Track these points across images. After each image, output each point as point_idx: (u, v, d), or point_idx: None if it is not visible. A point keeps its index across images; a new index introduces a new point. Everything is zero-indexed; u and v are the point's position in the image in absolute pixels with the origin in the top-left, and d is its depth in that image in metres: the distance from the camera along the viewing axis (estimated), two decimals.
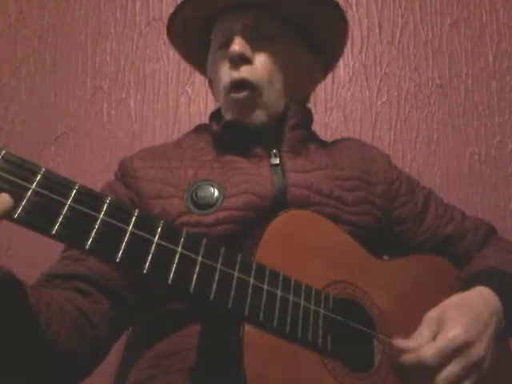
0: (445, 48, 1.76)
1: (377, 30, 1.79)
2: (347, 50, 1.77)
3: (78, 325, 0.82)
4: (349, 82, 1.76)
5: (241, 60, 0.99)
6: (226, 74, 1.02)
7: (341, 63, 1.76)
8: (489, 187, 1.64)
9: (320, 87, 1.74)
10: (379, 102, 1.73)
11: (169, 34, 1.14)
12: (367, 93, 1.74)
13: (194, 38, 1.14)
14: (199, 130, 1.16)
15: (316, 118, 1.69)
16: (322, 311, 0.78)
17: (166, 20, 1.12)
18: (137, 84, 1.77)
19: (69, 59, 1.80)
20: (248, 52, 1.00)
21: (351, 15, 1.80)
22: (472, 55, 1.75)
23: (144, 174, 0.98)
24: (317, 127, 1.65)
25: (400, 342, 0.82)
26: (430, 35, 1.78)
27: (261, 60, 1.01)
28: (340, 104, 1.74)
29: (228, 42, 1.02)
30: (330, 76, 1.75)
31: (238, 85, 1.00)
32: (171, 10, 1.09)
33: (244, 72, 0.99)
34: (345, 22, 1.09)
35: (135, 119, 1.74)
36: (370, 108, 1.73)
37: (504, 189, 1.64)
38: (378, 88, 1.74)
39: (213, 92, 1.17)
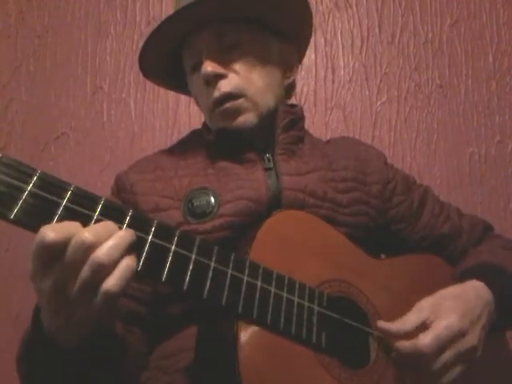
0: (445, 48, 1.76)
1: (377, 30, 1.79)
2: (347, 50, 1.77)
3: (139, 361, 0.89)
4: (349, 82, 1.76)
5: (215, 78, 1.00)
6: (207, 96, 1.03)
7: (341, 63, 1.77)
8: (489, 187, 1.64)
9: (320, 87, 1.75)
10: (379, 102, 1.73)
11: (144, 74, 1.15)
12: (367, 93, 1.74)
13: (169, 70, 1.14)
14: (193, 136, 1.17)
15: (316, 118, 1.72)
16: (316, 308, 0.78)
17: None
18: (137, 84, 1.77)
19: (69, 59, 1.81)
20: (219, 69, 1.00)
21: (351, 15, 1.80)
22: (472, 55, 1.75)
23: (141, 189, 0.99)
24: (317, 127, 1.67)
25: (384, 323, 0.83)
26: (430, 35, 1.78)
27: (234, 69, 1.01)
28: (340, 104, 1.74)
29: (198, 64, 1.03)
30: (330, 76, 1.76)
31: (222, 100, 1.00)
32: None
33: (223, 87, 1.00)
34: (305, 4, 1.09)
35: (135, 119, 1.74)
36: (370, 108, 1.73)
37: (504, 189, 1.64)
38: (378, 88, 1.74)
39: (200, 109, 1.17)
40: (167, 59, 1.11)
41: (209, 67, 0.99)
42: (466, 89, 1.73)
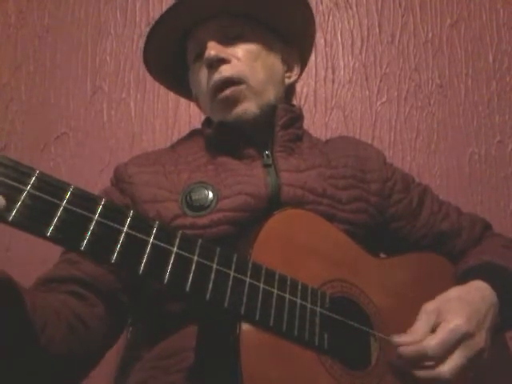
0: (445, 48, 1.76)
1: (377, 29, 1.79)
2: (347, 50, 1.77)
3: (74, 328, 0.82)
4: (349, 82, 1.76)
5: (218, 61, 1.00)
6: (208, 79, 1.03)
7: (341, 63, 1.77)
8: (489, 187, 1.64)
9: (320, 87, 1.75)
10: (379, 102, 1.73)
11: (149, 70, 1.16)
12: (367, 93, 1.74)
13: (173, 66, 1.15)
14: (193, 135, 1.17)
15: (316, 117, 1.72)
16: (318, 309, 0.78)
17: None
18: (137, 84, 1.77)
19: (69, 59, 1.80)
20: (223, 53, 1.01)
21: (351, 15, 1.80)
22: (472, 55, 1.75)
23: (139, 179, 0.99)
24: (317, 127, 1.67)
25: (397, 337, 0.82)
26: (430, 35, 1.78)
27: (237, 56, 1.03)
28: (340, 104, 1.74)
29: (202, 52, 1.04)
30: (330, 76, 1.75)
31: (222, 85, 1.01)
32: None
33: (224, 71, 1.00)
34: (306, 7, 1.09)
35: (135, 119, 1.74)
36: (370, 108, 1.73)
37: (504, 189, 1.64)
38: (378, 88, 1.74)
39: (201, 109, 1.18)
40: (171, 55, 1.12)
41: (212, 50, 1.00)
42: (466, 89, 1.73)
